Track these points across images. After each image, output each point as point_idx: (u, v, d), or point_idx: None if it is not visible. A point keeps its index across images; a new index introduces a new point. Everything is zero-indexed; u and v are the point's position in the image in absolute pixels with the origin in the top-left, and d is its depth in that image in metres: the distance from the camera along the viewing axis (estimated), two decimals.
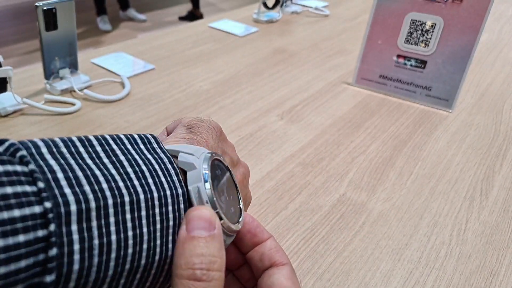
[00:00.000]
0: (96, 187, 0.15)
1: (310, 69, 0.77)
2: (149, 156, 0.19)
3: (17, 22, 2.97)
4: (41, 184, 0.14)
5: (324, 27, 1.01)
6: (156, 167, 0.18)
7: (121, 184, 0.16)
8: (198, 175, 0.19)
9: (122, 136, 0.19)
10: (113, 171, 0.17)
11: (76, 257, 0.14)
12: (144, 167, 0.18)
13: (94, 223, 0.15)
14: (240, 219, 0.21)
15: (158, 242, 0.17)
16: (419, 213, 0.45)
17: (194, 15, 3.08)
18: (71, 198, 0.14)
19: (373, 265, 0.38)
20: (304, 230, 0.41)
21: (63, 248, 0.14)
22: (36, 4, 0.55)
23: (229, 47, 0.85)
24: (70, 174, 0.15)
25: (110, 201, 0.16)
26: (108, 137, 0.18)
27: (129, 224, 0.16)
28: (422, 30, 0.64)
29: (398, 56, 0.67)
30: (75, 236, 0.14)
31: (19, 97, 0.56)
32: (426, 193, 0.48)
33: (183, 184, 0.19)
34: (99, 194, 0.15)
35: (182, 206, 0.18)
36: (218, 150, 0.25)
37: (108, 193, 0.16)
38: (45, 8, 0.56)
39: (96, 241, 0.15)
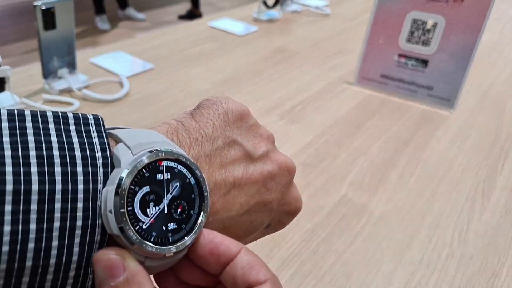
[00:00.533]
0: None
1: (310, 69, 0.77)
2: (74, 140, 0.16)
3: (15, 22, 2.96)
4: None
5: (324, 26, 1.00)
6: (77, 153, 0.15)
7: (8, 169, 0.14)
8: (115, 177, 0.16)
9: (50, 114, 0.16)
10: (7, 153, 0.14)
11: None
12: (56, 152, 0.15)
13: None
14: (184, 239, 0.17)
15: (55, 243, 0.14)
16: (420, 214, 0.44)
17: (193, 14, 3.08)
18: None
19: (374, 267, 0.38)
20: (305, 232, 0.41)
21: None
22: (35, 3, 0.55)
23: (229, 46, 0.85)
24: None
25: None
26: (28, 112, 0.16)
27: (7, 218, 0.13)
28: (423, 29, 0.64)
29: (399, 55, 0.67)
30: None
31: (18, 97, 0.56)
32: (427, 194, 0.47)
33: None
34: None
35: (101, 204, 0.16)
36: (218, 140, 0.20)
37: None
38: (43, 7, 0.55)
39: None
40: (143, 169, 0.16)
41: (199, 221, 0.18)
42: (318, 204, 0.45)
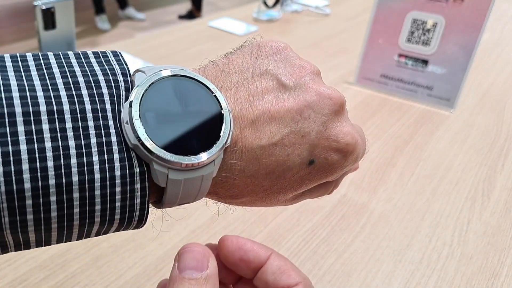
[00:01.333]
0: (3, 95, 0.14)
1: None
2: (96, 67, 0.16)
3: (15, 22, 2.96)
4: None
5: (324, 26, 1.00)
6: (100, 77, 0.16)
7: (40, 94, 0.15)
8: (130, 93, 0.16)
9: (70, 52, 0.17)
10: (36, 82, 0.15)
11: None
12: (81, 78, 0.16)
13: None
14: (206, 152, 0.17)
15: (96, 158, 0.15)
16: (420, 213, 0.44)
17: (193, 15, 3.08)
18: None
19: (374, 266, 0.38)
20: (305, 231, 0.41)
21: None
22: (35, 3, 0.55)
23: (229, 46, 0.85)
24: None
25: (18, 109, 0.14)
26: (50, 53, 0.17)
27: (46, 135, 0.14)
28: (423, 29, 0.64)
29: (399, 55, 0.67)
30: None
31: None
32: (427, 194, 0.47)
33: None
34: (4, 102, 0.14)
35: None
36: (247, 71, 0.20)
37: (17, 101, 0.14)
38: (43, 7, 0.56)
39: None
40: (155, 84, 0.17)
41: (220, 136, 0.17)
42: (318, 203, 0.45)
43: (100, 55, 0.17)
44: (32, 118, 0.14)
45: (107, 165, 0.15)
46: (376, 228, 0.42)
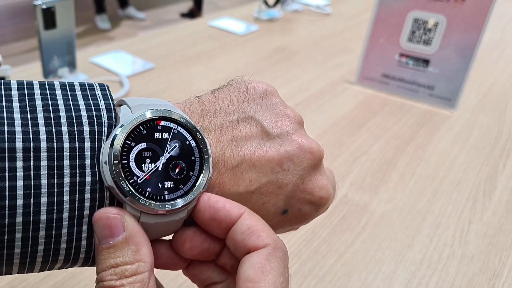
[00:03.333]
0: None
1: (311, 68, 0.77)
2: (80, 102, 0.16)
3: (15, 21, 2.96)
4: None
5: (325, 25, 1.00)
6: (83, 113, 0.16)
7: (18, 128, 0.14)
8: (113, 132, 0.16)
9: (56, 82, 0.17)
10: (16, 115, 0.15)
11: None
12: (63, 113, 0.16)
13: None
14: (182, 198, 0.17)
15: (67, 198, 0.15)
16: (421, 214, 0.44)
17: (194, 14, 3.08)
18: None
19: (375, 267, 0.38)
20: (305, 231, 0.41)
21: None
22: (35, 3, 0.55)
23: (229, 46, 0.85)
24: None
25: None
26: (36, 82, 0.16)
27: (19, 173, 0.14)
28: (424, 28, 0.64)
29: (401, 55, 0.67)
30: None
31: None
32: (428, 194, 0.47)
33: None
34: None
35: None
36: (233, 113, 0.20)
37: None
38: (44, 7, 0.55)
39: None
40: (140, 126, 0.17)
41: (197, 183, 0.17)
42: None
43: (87, 87, 0.17)
44: (6, 154, 0.14)
45: (77, 205, 0.15)
46: (377, 229, 0.42)
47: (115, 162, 0.16)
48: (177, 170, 0.17)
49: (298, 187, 0.20)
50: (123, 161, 0.16)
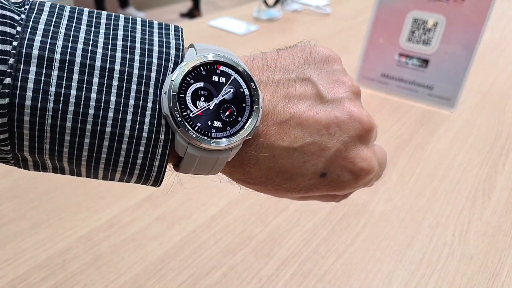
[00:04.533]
0: (69, 44, 0.16)
1: None
2: (155, 38, 0.18)
3: None
4: (18, 28, 0.16)
5: (325, 25, 1.00)
6: (155, 48, 0.18)
7: (99, 50, 0.17)
8: (176, 69, 0.18)
9: (139, 19, 0.19)
10: (100, 39, 0.17)
11: (29, 94, 0.15)
12: (138, 45, 0.17)
13: (55, 72, 0.16)
14: (227, 139, 0.18)
15: (130, 117, 0.17)
16: (421, 213, 0.44)
17: (193, 14, 3.08)
18: (37, 44, 0.16)
19: (374, 266, 0.38)
20: (305, 231, 0.41)
21: (17, 82, 0.15)
22: None
23: (229, 45, 0.85)
24: (51, 28, 0.16)
25: (78, 60, 0.16)
26: (122, 15, 0.19)
27: (94, 87, 0.16)
28: (424, 28, 0.64)
29: (400, 55, 0.67)
30: (31, 76, 0.15)
31: None
32: (428, 194, 0.47)
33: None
34: (69, 50, 0.16)
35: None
36: (292, 72, 0.20)
37: (79, 53, 0.16)
38: None
39: (53, 88, 0.16)
40: (201, 67, 0.18)
41: (244, 128, 0.19)
42: (318, 203, 0.45)
43: (164, 27, 0.19)
44: (86, 69, 0.16)
45: (137, 126, 0.17)
46: (377, 228, 0.42)
47: (173, 93, 0.17)
48: (227, 113, 0.18)
49: (340, 153, 0.20)
50: (181, 95, 0.17)
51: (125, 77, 0.17)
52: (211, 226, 0.41)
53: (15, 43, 0.16)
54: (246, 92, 0.19)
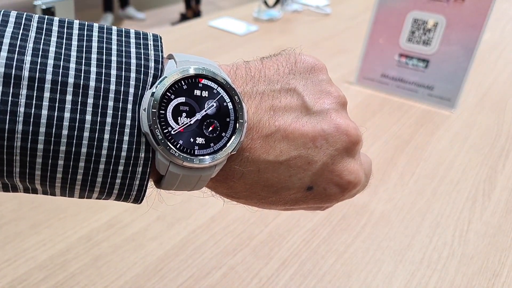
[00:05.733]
0: (39, 60, 0.15)
1: None
2: (132, 50, 0.17)
3: None
4: None
5: (325, 26, 1.00)
6: (133, 61, 0.17)
7: (72, 65, 0.16)
8: (156, 83, 0.17)
9: (114, 28, 0.18)
10: (73, 53, 0.16)
11: None
12: (114, 58, 0.16)
13: (23, 92, 0.15)
14: (211, 156, 0.17)
15: (107, 136, 0.16)
16: (421, 213, 0.44)
17: (197, 14, 3.08)
18: (2, 61, 0.15)
19: (374, 267, 0.38)
20: (305, 231, 0.41)
21: None
22: (35, 3, 0.55)
23: (229, 46, 0.85)
24: (18, 42, 0.15)
25: (48, 77, 0.15)
26: (96, 24, 0.17)
27: (67, 106, 0.15)
28: (424, 29, 0.64)
29: (400, 55, 0.67)
30: None
31: None
32: (428, 194, 0.47)
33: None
34: (38, 67, 0.15)
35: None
36: (276, 83, 0.19)
37: (49, 69, 0.15)
38: (44, 7, 0.56)
39: (21, 109, 0.15)
40: (182, 81, 0.17)
41: (228, 144, 0.18)
42: None
43: (141, 36, 0.18)
44: (59, 87, 0.15)
45: (115, 145, 0.16)
46: (377, 228, 0.42)
47: (153, 110, 0.16)
48: (210, 128, 0.18)
49: (327, 167, 0.20)
50: (161, 111, 0.17)
51: (101, 93, 0.16)
52: (211, 226, 0.41)
53: None
54: (230, 106, 0.18)
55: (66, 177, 0.16)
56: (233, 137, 0.18)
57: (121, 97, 0.16)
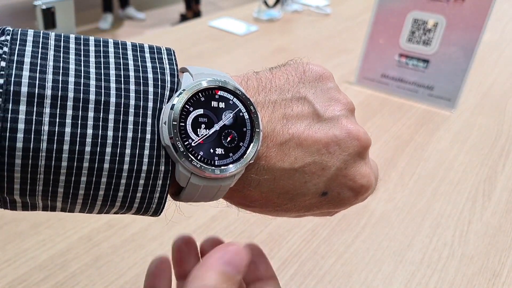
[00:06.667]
0: (60, 78, 0.15)
1: None
2: (148, 64, 0.17)
3: (15, 21, 2.96)
4: (2, 63, 0.15)
5: (325, 26, 1.00)
6: (150, 75, 0.17)
7: (92, 82, 0.16)
8: (174, 96, 0.17)
9: (129, 43, 0.18)
10: (92, 70, 0.16)
11: (20, 135, 0.15)
12: (132, 73, 0.17)
13: (47, 110, 0.15)
14: (229, 166, 0.18)
15: (128, 151, 0.16)
16: (421, 214, 0.44)
17: (186, 16, 3.08)
18: (25, 80, 0.15)
19: (374, 267, 0.38)
20: (305, 232, 0.41)
21: (6, 124, 0.14)
22: (35, 3, 0.55)
23: (229, 46, 0.85)
24: (39, 61, 0.15)
25: (70, 94, 0.15)
26: (111, 40, 0.18)
27: (90, 122, 0.15)
28: (424, 29, 0.64)
29: (400, 55, 0.67)
30: (21, 116, 0.15)
31: None
32: (428, 194, 0.47)
33: None
34: (60, 85, 0.15)
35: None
36: (287, 92, 0.20)
37: (71, 86, 0.15)
38: (44, 7, 0.56)
39: (45, 127, 0.15)
40: (200, 93, 0.18)
41: (247, 153, 0.18)
42: None
43: (155, 50, 0.18)
44: (81, 104, 0.15)
45: (136, 159, 0.16)
46: (377, 229, 0.42)
47: (173, 123, 0.17)
48: (228, 138, 0.18)
49: (341, 171, 0.20)
50: (181, 124, 0.17)
51: (122, 109, 0.16)
52: (211, 226, 0.41)
53: (1, 81, 0.14)
54: (246, 116, 0.18)
55: (88, 193, 0.16)
56: (251, 146, 0.18)
57: (141, 111, 0.16)
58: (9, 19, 3.03)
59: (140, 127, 0.16)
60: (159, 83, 0.17)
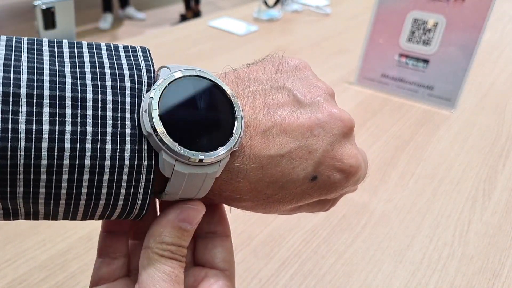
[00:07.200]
0: (35, 77, 0.15)
1: None
2: (123, 62, 0.18)
3: (15, 21, 2.96)
4: None
5: (325, 26, 1.00)
6: (126, 72, 0.17)
7: (68, 80, 0.16)
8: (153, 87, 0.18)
9: (103, 43, 0.18)
10: (67, 69, 0.16)
11: None
12: (107, 70, 0.17)
13: (23, 109, 0.15)
14: (212, 152, 0.18)
15: (109, 146, 0.16)
16: (421, 214, 0.44)
17: (197, 14, 3.08)
18: None
19: (375, 267, 0.38)
20: (305, 231, 0.41)
21: None
22: (35, 3, 0.55)
23: (229, 46, 0.85)
24: (12, 63, 0.15)
25: (46, 92, 0.15)
26: (85, 42, 0.18)
27: (68, 119, 0.15)
28: (424, 29, 0.64)
29: (400, 55, 0.67)
30: None
31: None
32: (428, 194, 0.47)
33: None
34: (35, 84, 0.15)
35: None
36: (266, 83, 0.20)
37: (46, 85, 0.15)
38: (44, 7, 0.55)
39: (23, 126, 0.15)
40: (178, 82, 0.18)
41: (230, 139, 0.18)
42: None
43: (130, 49, 0.19)
44: (57, 101, 0.15)
45: (118, 154, 0.16)
46: (377, 228, 0.42)
47: (154, 109, 0.17)
48: (210, 125, 0.18)
49: (327, 153, 0.20)
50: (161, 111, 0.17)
51: (99, 104, 0.16)
52: None
53: None
54: (226, 102, 0.19)
55: (71, 192, 0.16)
56: (234, 132, 0.18)
57: (119, 106, 0.16)
58: (9, 19, 3.03)
59: (119, 122, 0.16)
60: (136, 78, 0.17)
